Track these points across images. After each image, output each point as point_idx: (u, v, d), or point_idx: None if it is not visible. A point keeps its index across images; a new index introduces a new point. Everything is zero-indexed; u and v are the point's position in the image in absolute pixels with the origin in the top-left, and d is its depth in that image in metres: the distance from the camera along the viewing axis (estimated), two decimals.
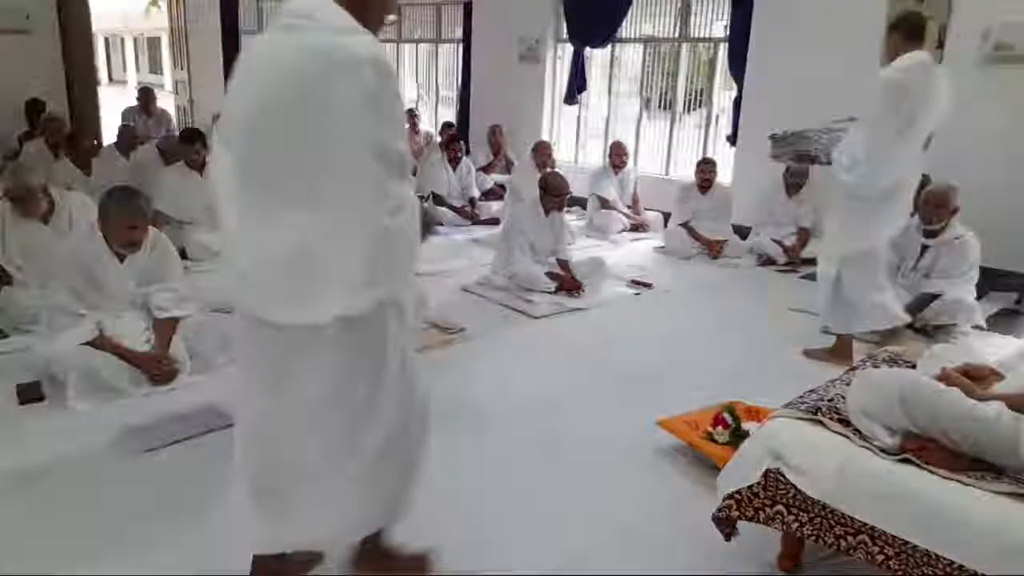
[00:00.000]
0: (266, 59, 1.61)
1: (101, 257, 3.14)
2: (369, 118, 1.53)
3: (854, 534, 1.84)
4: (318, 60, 1.53)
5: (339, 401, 1.70)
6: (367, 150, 1.54)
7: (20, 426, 2.80)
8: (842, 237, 3.62)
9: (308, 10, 1.59)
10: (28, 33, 7.79)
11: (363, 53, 1.54)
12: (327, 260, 1.57)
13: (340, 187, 1.55)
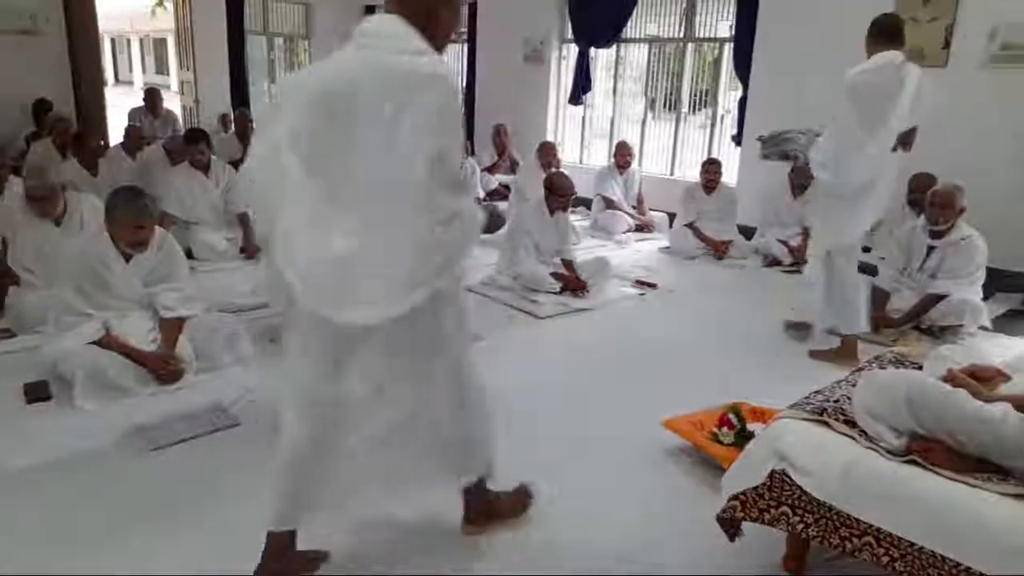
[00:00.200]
0: (343, 74, 1.72)
1: (108, 257, 3.15)
2: (433, 134, 1.66)
3: (859, 535, 1.84)
4: (394, 78, 1.66)
5: (381, 386, 1.86)
6: (425, 165, 1.65)
7: (27, 425, 2.81)
8: (823, 234, 3.78)
9: (383, 31, 1.73)
10: (35, 34, 7.82)
11: (435, 73, 1.69)
12: (378, 268, 1.70)
13: (396, 198, 1.68)
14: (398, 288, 1.73)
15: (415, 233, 1.71)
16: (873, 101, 3.41)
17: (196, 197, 5.32)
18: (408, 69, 1.67)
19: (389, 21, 1.75)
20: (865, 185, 3.53)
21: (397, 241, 1.70)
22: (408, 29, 1.71)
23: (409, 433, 1.96)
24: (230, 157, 7.23)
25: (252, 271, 5.02)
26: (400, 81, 1.66)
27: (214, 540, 2.21)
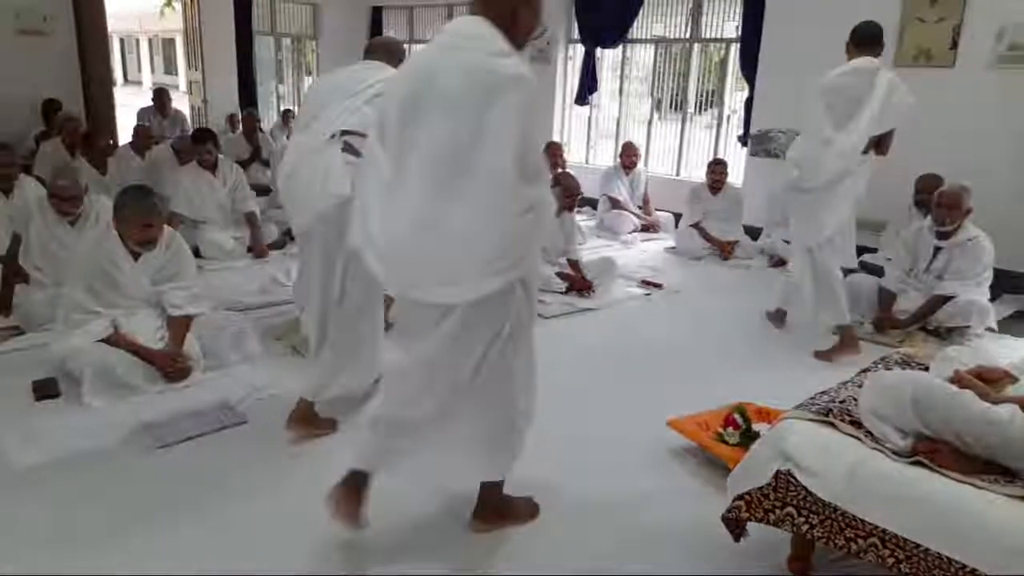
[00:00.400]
0: (432, 73, 1.84)
1: (116, 255, 3.17)
2: (516, 130, 1.77)
3: (865, 537, 1.83)
4: (481, 78, 1.77)
5: (454, 364, 1.97)
6: (508, 158, 1.76)
7: (36, 422, 2.82)
8: (800, 232, 3.95)
9: (469, 32, 1.85)
10: (45, 34, 7.87)
11: (519, 74, 1.79)
12: (462, 254, 1.83)
13: (482, 189, 1.78)
14: (476, 273, 1.84)
15: (498, 221, 1.81)
16: (843, 102, 3.60)
17: (204, 196, 5.34)
18: (495, 70, 1.77)
19: (474, 23, 1.86)
20: (832, 182, 3.66)
21: (480, 228, 1.80)
22: (492, 31, 1.83)
23: (459, 417, 2.06)
24: (237, 157, 7.27)
25: (259, 270, 5.05)
26: (488, 81, 1.76)
27: (220, 538, 2.22)
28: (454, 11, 9.73)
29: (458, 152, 1.77)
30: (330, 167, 2.54)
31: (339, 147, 2.56)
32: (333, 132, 2.58)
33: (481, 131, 1.75)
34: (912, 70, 5.60)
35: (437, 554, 2.20)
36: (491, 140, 1.75)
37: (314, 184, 2.56)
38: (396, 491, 2.50)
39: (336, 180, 2.53)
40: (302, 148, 2.63)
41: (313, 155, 2.58)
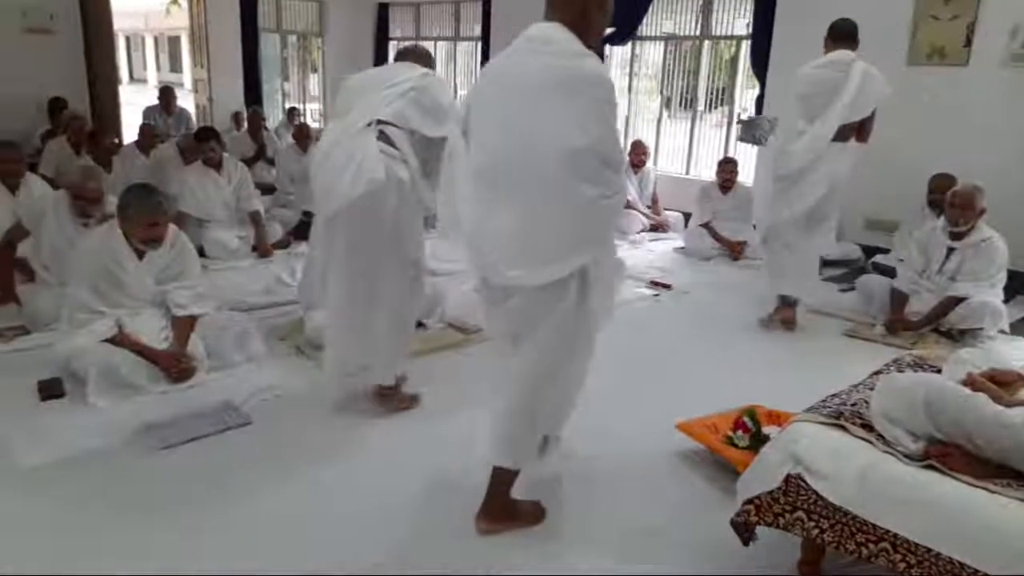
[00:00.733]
0: (516, 76, 2.01)
1: (121, 255, 3.16)
2: (598, 123, 1.94)
3: (876, 541, 1.81)
4: (565, 78, 1.94)
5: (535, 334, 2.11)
6: (592, 150, 1.93)
7: (41, 422, 2.82)
8: (766, 215, 4.19)
9: (547, 37, 2.01)
10: (52, 33, 7.89)
11: (598, 74, 1.99)
12: (550, 236, 1.99)
13: (570, 178, 1.94)
14: (564, 253, 2.01)
15: (581, 205, 1.97)
16: (822, 92, 3.85)
17: (209, 195, 5.33)
18: (575, 69, 1.95)
19: (552, 28, 2.02)
20: (804, 169, 3.92)
21: (564, 212, 1.98)
22: (568, 34, 1.99)
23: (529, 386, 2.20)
24: (243, 155, 7.27)
25: (264, 270, 5.04)
26: (570, 80, 1.94)
27: (222, 538, 2.21)
28: (460, 8, 9.72)
29: (546, 144, 1.92)
30: (366, 152, 2.62)
31: (374, 135, 2.66)
32: (369, 121, 2.68)
33: (567, 124, 1.91)
34: (925, 68, 5.56)
35: (438, 554, 2.18)
36: (575, 132, 1.91)
37: (349, 167, 2.62)
38: (398, 491, 2.49)
39: (371, 165, 2.61)
40: (338, 134, 2.73)
41: (349, 140, 2.67)
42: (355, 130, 2.68)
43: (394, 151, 2.70)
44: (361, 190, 2.61)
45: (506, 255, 2.02)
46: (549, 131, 1.92)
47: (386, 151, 2.66)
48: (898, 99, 5.64)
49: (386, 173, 2.63)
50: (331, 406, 3.09)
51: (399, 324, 2.93)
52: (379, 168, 2.61)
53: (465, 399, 3.22)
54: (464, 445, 2.84)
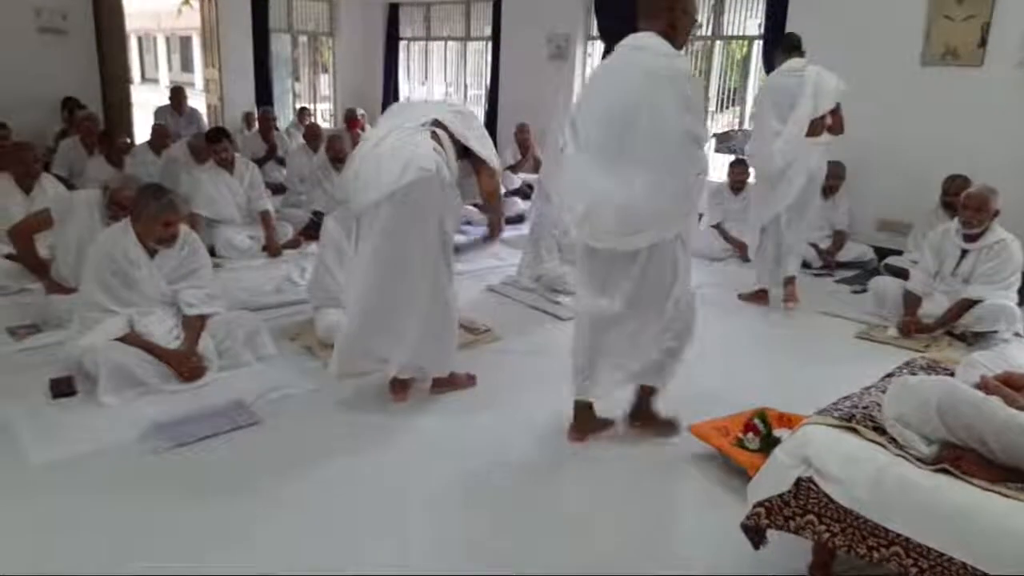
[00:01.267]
0: (618, 76, 2.51)
1: (133, 254, 3.17)
2: (688, 112, 2.41)
3: (887, 545, 1.79)
4: (656, 76, 2.41)
5: (638, 298, 2.61)
6: (684, 133, 2.40)
7: (52, 420, 2.84)
8: (758, 214, 4.63)
9: (641, 44, 2.49)
10: (65, 33, 7.95)
11: (685, 69, 2.47)
12: (652, 206, 2.44)
13: (667, 158, 2.42)
14: (657, 223, 2.48)
15: (678, 180, 2.44)
16: (784, 98, 4.32)
17: (222, 195, 5.35)
18: (668, 67, 2.41)
19: (644, 36, 2.49)
20: (783, 169, 4.35)
21: (664, 187, 2.43)
22: (660, 40, 2.45)
23: (640, 343, 2.69)
24: (254, 155, 7.30)
25: (274, 270, 5.05)
26: (664, 75, 2.40)
27: (230, 536, 2.22)
28: (471, 8, 9.73)
29: (648, 130, 2.38)
30: (419, 146, 2.82)
31: (428, 133, 2.88)
32: (424, 121, 2.92)
33: (664, 113, 2.38)
34: (939, 69, 5.52)
35: (448, 554, 2.18)
36: (671, 118, 2.38)
37: (400, 157, 2.78)
38: (409, 490, 2.49)
39: (424, 157, 2.79)
40: (388, 130, 2.93)
41: (400, 134, 2.88)
42: (408, 127, 2.88)
43: (441, 151, 2.86)
44: (411, 179, 2.75)
45: (619, 223, 2.47)
46: (650, 118, 2.38)
47: (436, 149, 2.84)
48: (911, 100, 5.64)
49: (434, 166, 2.79)
50: (338, 403, 3.10)
51: (440, 317, 3.00)
52: (431, 161, 2.78)
53: (474, 399, 3.23)
54: (473, 444, 2.84)
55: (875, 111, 5.66)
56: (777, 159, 4.33)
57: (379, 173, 2.79)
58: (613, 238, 2.52)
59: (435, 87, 10.73)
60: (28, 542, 2.16)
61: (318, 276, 3.82)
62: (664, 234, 2.51)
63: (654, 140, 2.39)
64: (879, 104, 5.69)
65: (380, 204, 2.81)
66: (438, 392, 3.20)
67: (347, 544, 2.22)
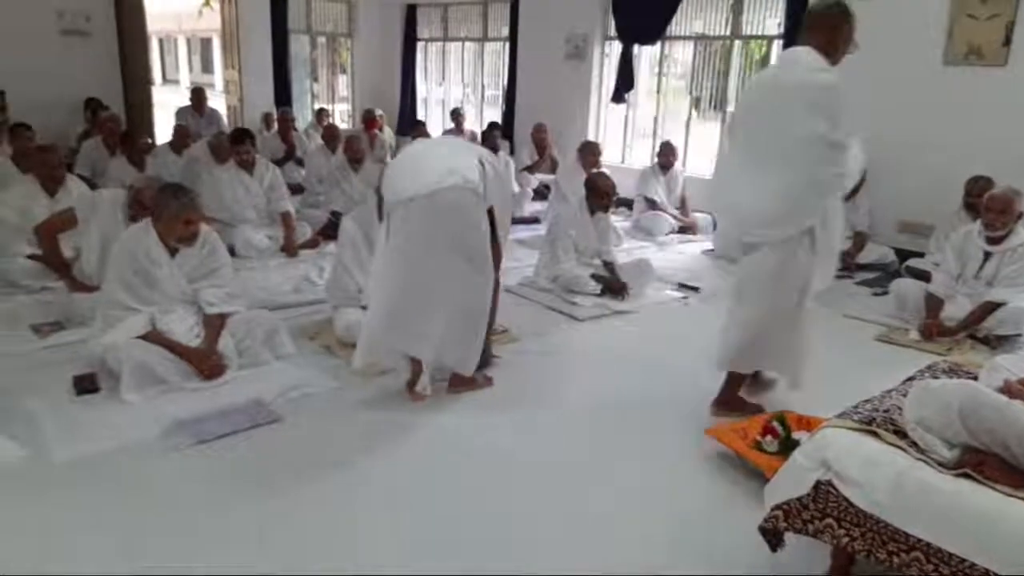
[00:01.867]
0: (769, 83, 2.86)
1: (154, 253, 3.21)
2: (827, 118, 2.65)
3: (908, 550, 1.78)
4: (802, 88, 2.69)
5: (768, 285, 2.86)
6: (820, 136, 2.65)
7: (75, 417, 2.87)
8: None
9: (796, 59, 2.78)
10: (88, 35, 8.05)
11: (831, 82, 2.69)
12: (792, 203, 2.73)
13: (806, 159, 2.69)
14: (802, 216, 2.75)
15: (810, 181, 2.70)
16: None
17: (241, 196, 5.40)
18: (815, 80, 2.68)
19: (802, 51, 2.74)
20: None
21: (795, 186, 2.70)
22: (815, 55, 2.69)
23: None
24: (273, 155, 7.36)
25: (293, 269, 5.09)
26: (811, 87, 2.68)
27: (248, 533, 2.24)
28: (488, 8, 9.74)
29: (791, 134, 2.67)
30: (467, 159, 2.96)
31: (476, 158, 2.99)
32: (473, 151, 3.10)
33: (808, 118, 2.64)
34: (962, 68, 5.45)
35: (460, 556, 2.18)
36: (811, 123, 2.64)
37: (446, 163, 2.90)
38: (424, 489, 2.50)
39: (470, 169, 2.92)
40: (441, 143, 3.32)
41: (453, 145, 3.16)
42: (458, 147, 3.16)
43: (483, 177, 2.96)
44: (453, 183, 2.84)
45: (760, 216, 2.77)
46: (798, 124, 2.65)
47: (480, 172, 2.95)
48: (933, 100, 5.57)
49: (477, 181, 2.90)
50: (357, 402, 3.12)
51: (467, 318, 3.04)
52: (475, 174, 2.91)
53: (492, 399, 3.24)
54: (491, 443, 2.85)
55: (896, 111, 5.61)
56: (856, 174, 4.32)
57: (422, 171, 2.88)
58: (756, 231, 2.82)
59: (452, 88, 10.76)
60: (50, 539, 2.19)
61: (336, 276, 3.84)
62: (790, 230, 2.76)
63: (795, 141, 2.67)
64: (900, 104, 5.63)
65: (415, 201, 2.84)
66: (455, 392, 3.21)
67: (364, 542, 2.23)
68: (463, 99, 10.62)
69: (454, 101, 10.55)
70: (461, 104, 10.20)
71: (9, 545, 2.14)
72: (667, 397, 3.34)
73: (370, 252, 3.82)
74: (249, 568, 2.08)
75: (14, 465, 2.53)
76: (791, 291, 2.83)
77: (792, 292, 2.84)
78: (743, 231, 2.87)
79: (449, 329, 3.00)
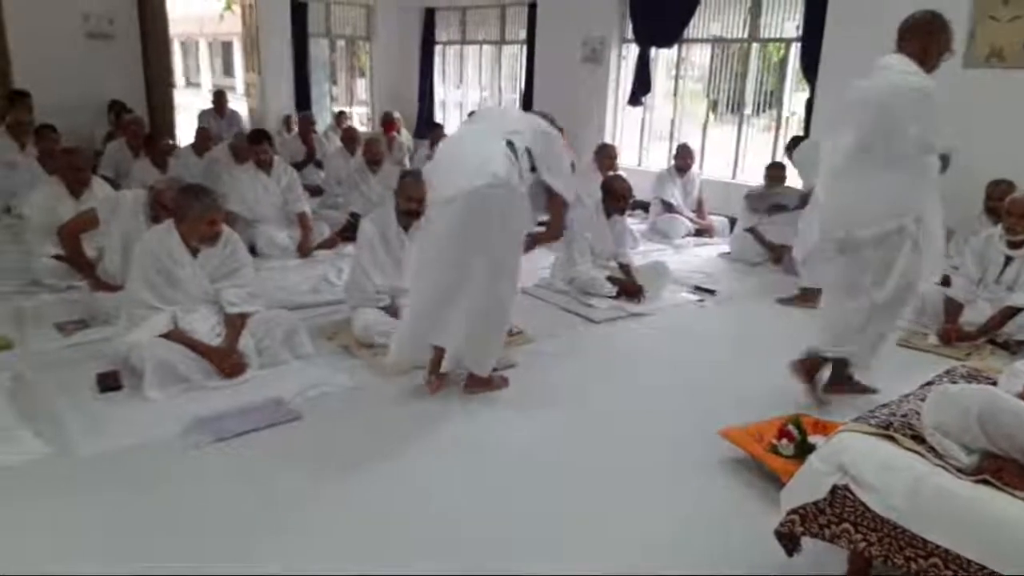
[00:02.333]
0: (871, 88, 2.97)
1: (177, 253, 3.26)
2: (920, 122, 2.88)
3: (925, 556, 1.77)
4: (899, 89, 2.89)
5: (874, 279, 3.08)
6: (917, 138, 2.88)
7: (98, 413, 2.91)
8: None
9: (890, 63, 2.97)
10: (112, 38, 8.17)
11: (922, 85, 2.90)
12: (892, 201, 2.96)
13: (910, 159, 2.92)
14: (904, 214, 2.98)
15: (906, 179, 2.94)
16: None
17: (259, 196, 5.47)
18: (907, 84, 2.89)
19: (896, 57, 2.96)
20: None
21: (914, 184, 2.97)
22: (907, 61, 2.93)
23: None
24: (292, 158, 7.42)
25: (311, 270, 5.13)
26: (904, 91, 2.88)
27: (268, 529, 2.27)
28: (506, 12, 9.77)
29: (895, 137, 2.88)
30: (493, 152, 2.98)
31: (504, 141, 3.01)
32: (503, 132, 3.05)
33: (901, 122, 2.86)
34: (983, 71, 5.40)
35: (473, 557, 2.19)
36: (906, 126, 2.86)
37: (474, 161, 2.96)
38: (441, 490, 2.52)
39: (495, 162, 2.94)
40: (468, 134, 3.21)
41: (479, 139, 3.07)
42: (486, 134, 3.07)
43: (515, 160, 2.99)
44: (482, 183, 2.89)
45: (863, 215, 2.98)
46: (893, 124, 2.86)
47: (509, 157, 2.98)
48: (953, 103, 5.50)
49: (505, 174, 2.92)
50: (375, 401, 3.14)
51: (487, 319, 3.10)
52: (502, 167, 2.93)
53: (507, 399, 3.25)
54: (505, 443, 2.86)
55: None
56: None
57: (454, 173, 2.97)
58: (860, 231, 3.00)
59: (470, 91, 10.79)
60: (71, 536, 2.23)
61: (355, 277, 3.87)
62: (890, 227, 2.97)
63: (898, 141, 2.88)
64: None
65: (451, 202, 2.95)
66: (471, 392, 3.24)
67: (380, 539, 2.25)
68: (480, 102, 10.65)
69: (471, 104, 10.58)
70: (478, 107, 10.23)
71: (33, 541, 2.19)
72: (682, 399, 3.34)
73: (388, 253, 3.86)
74: (264, 566, 2.11)
75: (40, 462, 2.58)
76: (894, 286, 3.05)
77: (894, 286, 3.05)
78: (847, 230, 3.03)
79: (469, 329, 3.07)
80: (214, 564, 2.11)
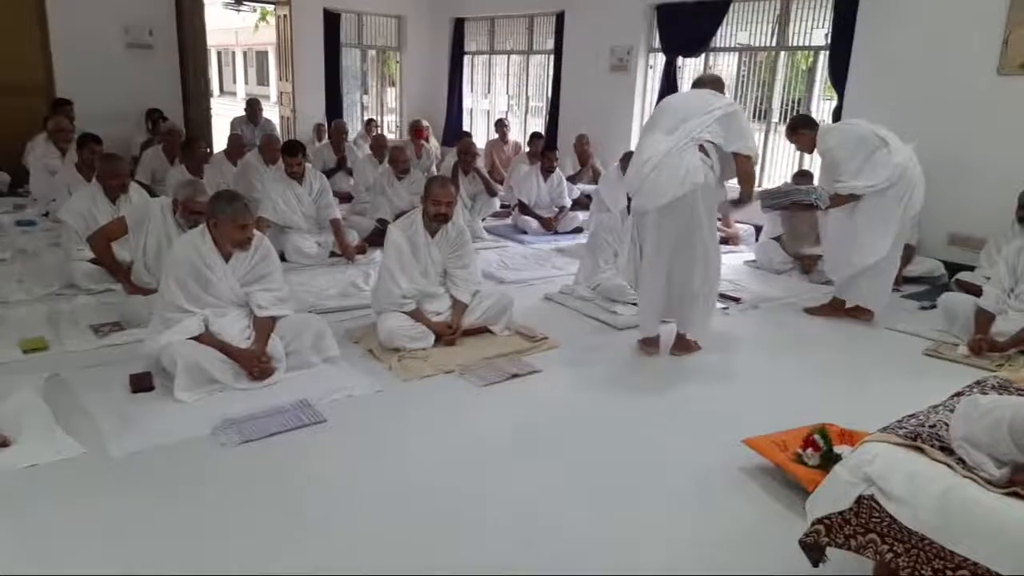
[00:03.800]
0: None
1: (210, 257, 3.32)
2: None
3: (954, 569, 1.74)
4: None
5: None
6: None
7: (130, 414, 2.97)
8: None
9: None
10: (151, 48, 8.37)
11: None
12: None
13: None
14: None
15: None
16: None
17: (291, 204, 5.56)
18: None
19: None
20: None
21: None
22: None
23: None
24: (324, 166, 7.53)
25: (339, 275, 5.19)
26: None
27: (293, 529, 2.29)
28: (534, 22, 9.82)
29: None
30: (691, 164, 3.54)
31: (696, 148, 3.57)
32: (695, 139, 3.58)
33: None
34: (1017, 78, 5.31)
35: (491, 557, 2.20)
36: None
37: (677, 173, 3.52)
38: (447, 492, 2.53)
39: (695, 173, 3.53)
40: (666, 147, 3.59)
41: (678, 153, 3.55)
42: (682, 146, 3.56)
43: (708, 160, 3.61)
44: (686, 190, 3.52)
45: None
46: None
47: (704, 160, 3.58)
48: (987, 110, 5.44)
49: (704, 179, 3.54)
50: (401, 404, 3.18)
51: (706, 298, 3.85)
52: (700, 175, 3.54)
53: (530, 403, 3.26)
54: (525, 448, 2.87)
55: (948, 121, 5.49)
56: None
57: (665, 185, 3.54)
58: None
59: (498, 99, 10.85)
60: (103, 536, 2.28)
61: (382, 282, 3.92)
62: None
63: None
64: (952, 114, 5.51)
65: (661, 209, 3.59)
66: (677, 354, 3.93)
67: (407, 542, 2.27)
68: (508, 110, 10.71)
69: (499, 112, 10.64)
70: (505, 115, 10.29)
71: (65, 541, 2.23)
72: (705, 406, 3.32)
73: (414, 259, 3.90)
74: (291, 567, 2.13)
75: (73, 461, 2.63)
76: None
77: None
78: None
79: (691, 309, 3.83)
80: (241, 564, 2.14)
